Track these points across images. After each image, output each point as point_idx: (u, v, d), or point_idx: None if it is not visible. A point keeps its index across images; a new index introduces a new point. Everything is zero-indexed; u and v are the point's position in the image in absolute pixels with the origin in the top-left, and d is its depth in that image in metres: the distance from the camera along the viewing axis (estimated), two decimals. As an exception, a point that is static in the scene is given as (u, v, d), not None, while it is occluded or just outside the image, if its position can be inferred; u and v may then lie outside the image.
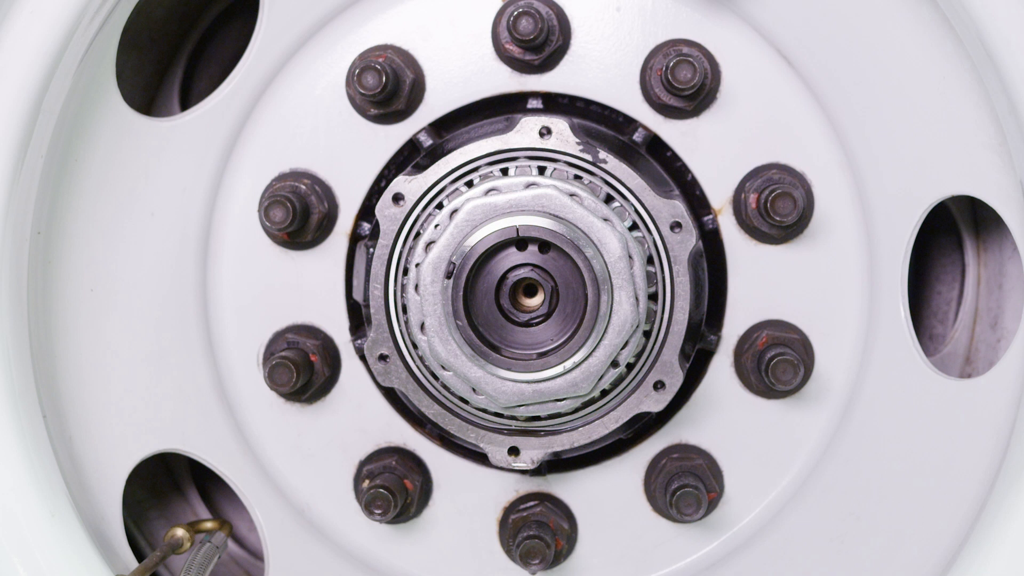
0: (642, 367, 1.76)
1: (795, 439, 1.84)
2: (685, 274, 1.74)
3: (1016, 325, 1.86)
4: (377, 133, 1.81)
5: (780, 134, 1.78)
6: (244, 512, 1.97)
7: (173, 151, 1.84)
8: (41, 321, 1.85)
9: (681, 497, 1.79)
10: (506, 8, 1.75)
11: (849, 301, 1.81)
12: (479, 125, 1.80)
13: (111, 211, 1.84)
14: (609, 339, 1.67)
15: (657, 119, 1.79)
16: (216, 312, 1.87)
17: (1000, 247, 2.10)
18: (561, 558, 1.85)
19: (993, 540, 1.73)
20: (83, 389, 1.87)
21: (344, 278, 1.84)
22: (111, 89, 1.82)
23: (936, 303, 2.23)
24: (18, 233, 1.75)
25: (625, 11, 1.78)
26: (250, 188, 1.84)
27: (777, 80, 1.78)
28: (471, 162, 1.74)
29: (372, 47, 1.80)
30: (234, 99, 1.83)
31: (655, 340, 1.75)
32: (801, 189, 1.76)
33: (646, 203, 1.73)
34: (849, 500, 1.84)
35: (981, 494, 1.79)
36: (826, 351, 1.81)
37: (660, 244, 1.74)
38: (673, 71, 1.73)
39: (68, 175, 1.82)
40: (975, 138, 1.74)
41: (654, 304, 1.74)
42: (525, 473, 1.86)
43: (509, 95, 1.81)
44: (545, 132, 1.73)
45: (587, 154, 1.73)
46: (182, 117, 1.85)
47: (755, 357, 1.79)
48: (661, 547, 1.88)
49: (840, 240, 1.80)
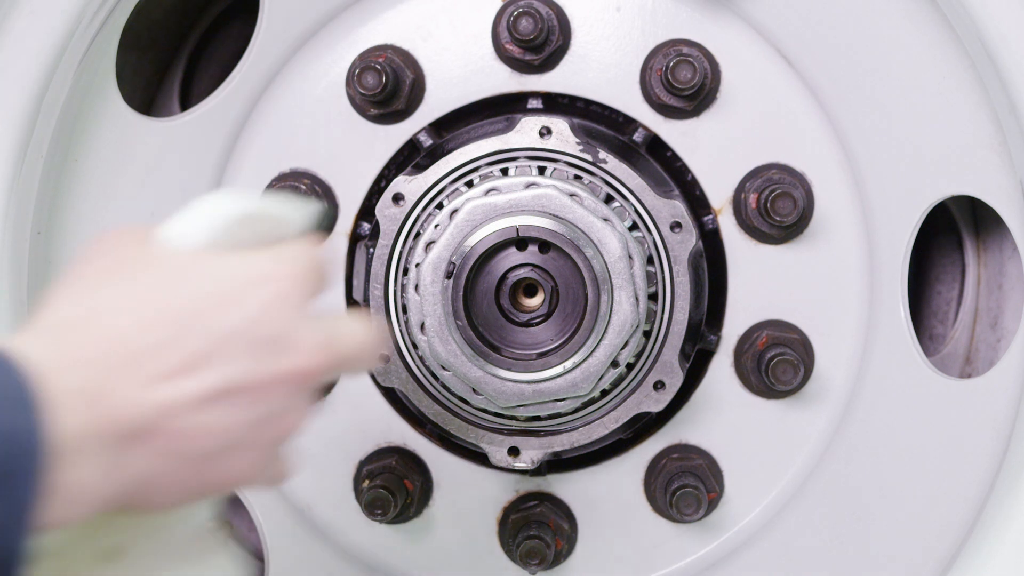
0: (642, 367, 1.76)
1: (795, 439, 1.84)
2: (685, 274, 1.74)
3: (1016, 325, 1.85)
4: (377, 133, 1.81)
5: (780, 134, 1.78)
6: (244, 512, 1.96)
7: (173, 151, 1.84)
8: (41, 321, 1.84)
9: (681, 497, 1.79)
10: (506, 8, 1.75)
11: (849, 301, 1.81)
12: (479, 125, 1.80)
13: (111, 211, 1.84)
14: (609, 339, 1.67)
15: (657, 119, 1.79)
16: (216, 312, 1.87)
17: (1000, 247, 2.09)
18: (561, 558, 1.85)
19: (993, 540, 1.73)
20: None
21: (344, 278, 1.84)
22: (111, 89, 1.82)
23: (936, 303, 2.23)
24: (18, 233, 1.75)
25: (625, 11, 1.78)
26: (250, 188, 1.83)
27: (777, 80, 1.78)
28: (471, 162, 1.74)
29: (372, 47, 1.80)
30: (234, 99, 1.83)
31: (655, 340, 1.75)
32: (801, 189, 1.76)
33: (646, 203, 1.73)
34: (849, 500, 1.84)
35: (981, 494, 1.79)
36: (826, 351, 1.81)
37: (660, 244, 1.74)
38: (673, 71, 1.73)
39: (68, 175, 1.82)
40: (975, 138, 1.74)
41: (654, 304, 1.74)
42: (525, 473, 1.85)
43: (509, 95, 1.81)
44: (545, 132, 1.73)
45: (587, 154, 1.73)
46: (182, 117, 1.85)
47: (755, 357, 1.79)
48: (661, 547, 1.87)
49: (840, 240, 1.80)
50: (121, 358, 0.98)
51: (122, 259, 1.06)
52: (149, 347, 0.99)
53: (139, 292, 1.03)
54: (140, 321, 1.00)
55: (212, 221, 1.08)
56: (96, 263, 1.07)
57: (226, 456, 1.03)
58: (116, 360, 0.98)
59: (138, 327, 1.00)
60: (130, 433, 0.98)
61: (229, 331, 1.02)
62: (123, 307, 1.01)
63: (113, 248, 1.08)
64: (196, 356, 1.00)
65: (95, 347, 0.98)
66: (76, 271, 1.06)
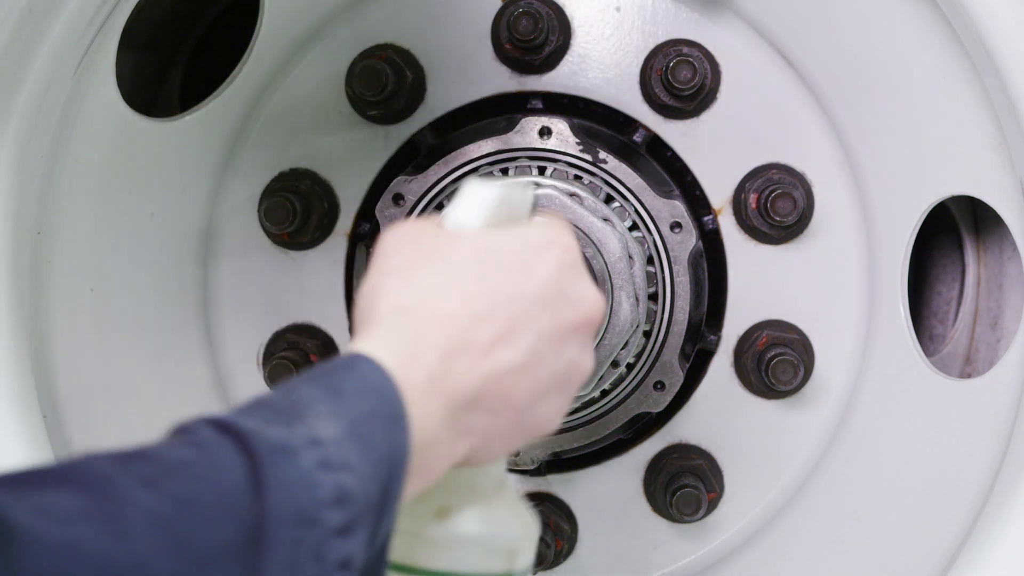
0: (642, 367, 1.76)
1: (795, 439, 1.84)
2: (685, 274, 1.74)
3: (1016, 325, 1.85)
4: (377, 133, 1.81)
5: (780, 134, 1.78)
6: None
7: (173, 151, 1.84)
8: (41, 321, 1.84)
9: (681, 497, 1.79)
10: (506, 8, 1.75)
11: (849, 301, 1.81)
12: (479, 125, 1.80)
13: (111, 211, 1.84)
14: (609, 339, 1.67)
15: (657, 119, 1.79)
16: (216, 312, 1.87)
17: (1000, 247, 2.09)
18: (561, 558, 1.85)
19: (993, 540, 1.73)
20: (83, 389, 1.87)
21: (344, 278, 1.84)
22: (111, 89, 1.82)
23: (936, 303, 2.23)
24: (18, 233, 1.75)
25: (625, 11, 1.78)
26: (250, 188, 1.84)
27: (777, 80, 1.78)
28: (471, 162, 1.74)
29: (372, 47, 1.80)
30: (234, 99, 1.83)
31: (655, 340, 1.75)
32: (801, 189, 1.76)
33: (646, 203, 1.73)
34: (849, 500, 1.84)
35: (981, 494, 1.79)
36: (826, 351, 1.81)
37: (660, 244, 1.74)
38: (673, 71, 1.73)
39: (68, 175, 1.82)
40: (975, 138, 1.74)
41: (654, 304, 1.74)
42: (525, 473, 1.86)
43: (509, 95, 1.81)
44: (545, 132, 1.73)
45: (587, 154, 1.73)
46: (182, 117, 1.85)
47: (755, 357, 1.79)
48: (661, 547, 1.87)
49: (840, 240, 1.80)
50: (454, 338, 1.09)
51: (425, 248, 1.16)
52: (473, 323, 1.10)
53: (453, 275, 1.13)
54: (461, 301, 1.11)
55: (484, 205, 1.20)
56: (403, 254, 1.16)
57: (541, 404, 1.15)
58: (452, 342, 1.09)
59: (460, 306, 1.11)
60: (467, 403, 1.09)
61: (531, 295, 1.14)
62: (443, 291, 1.12)
63: (411, 239, 1.18)
64: (510, 324, 1.12)
65: (432, 333, 1.09)
66: (387, 264, 1.16)
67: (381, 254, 1.17)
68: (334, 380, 1.03)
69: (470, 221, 1.19)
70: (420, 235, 1.18)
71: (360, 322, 1.15)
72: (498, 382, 1.11)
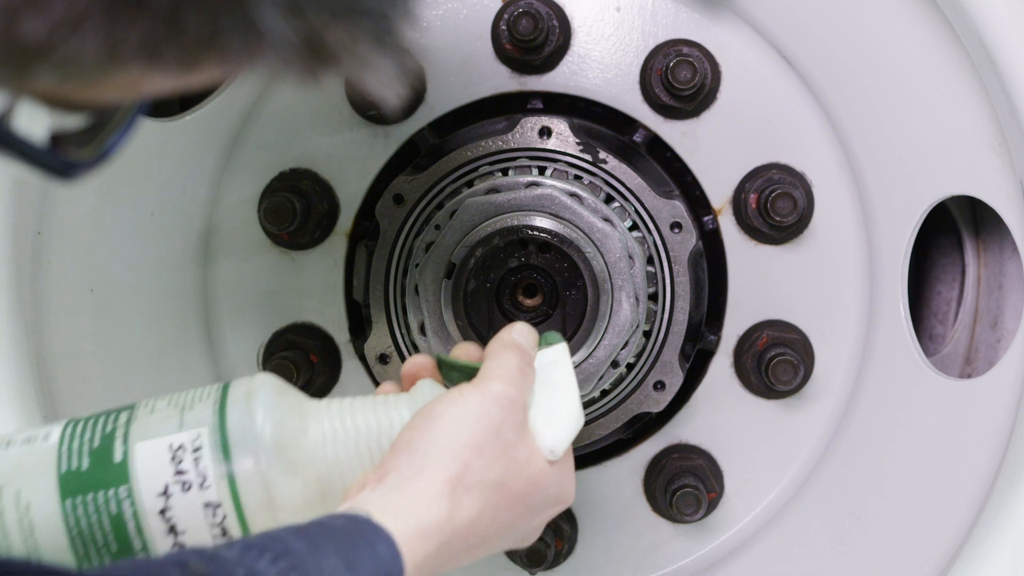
0: (642, 367, 1.76)
1: (795, 439, 1.84)
2: (685, 274, 1.74)
3: (1016, 325, 1.85)
4: (377, 133, 1.81)
5: (780, 134, 1.78)
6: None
7: (173, 151, 1.84)
8: (41, 321, 1.84)
9: (681, 497, 1.79)
10: (506, 8, 1.75)
11: (849, 301, 1.81)
12: (479, 125, 1.80)
13: (111, 211, 1.84)
14: (609, 339, 1.67)
15: (657, 119, 1.79)
16: (216, 312, 1.87)
17: (1000, 247, 2.09)
18: (561, 558, 1.85)
19: (993, 540, 1.73)
20: (83, 389, 1.87)
21: (344, 278, 1.84)
22: (111, 89, 1.81)
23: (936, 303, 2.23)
24: (18, 233, 1.75)
25: (625, 11, 1.78)
26: (250, 188, 1.84)
27: (777, 80, 1.78)
28: (471, 162, 1.74)
29: (372, 47, 1.80)
30: (234, 99, 1.83)
31: (655, 340, 1.75)
32: (801, 189, 1.76)
33: (646, 203, 1.73)
34: (849, 500, 1.84)
35: (981, 494, 1.79)
36: (826, 351, 1.81)
37: (660, 244, 1.74)
38: (673, 71, 1.73)
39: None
40: (975, 138, 1.74)
41: (654, 304, 1.74)
42: (525, 473, 1.85)
43: (509, 95, 1.81)
44: (545, 132, 1.73)
45: (587, 154, 1.73)
46: (182, 117, 1.85)
47: (755, 357, 1.79)
48: (661, 547, 1.87)
49: (840, 240, 1.80)
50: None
51: (503, 448, 1.24)
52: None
53: (508, 499, 1.24)
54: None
55: (572, 436, 1.31)
56: (488, 444, 1.23)
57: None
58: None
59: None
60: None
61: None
62: (491, 509, 1.22)
63: (499, 431, 1.24)
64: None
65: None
66: (470, 439, 1.23)
67: (476, 418, 1.23)
68: (353, 556, 1.09)
69: (556, 452, 1.28)
70: (508, 428, 1.24)
71: (407, 453, 1.21)
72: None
